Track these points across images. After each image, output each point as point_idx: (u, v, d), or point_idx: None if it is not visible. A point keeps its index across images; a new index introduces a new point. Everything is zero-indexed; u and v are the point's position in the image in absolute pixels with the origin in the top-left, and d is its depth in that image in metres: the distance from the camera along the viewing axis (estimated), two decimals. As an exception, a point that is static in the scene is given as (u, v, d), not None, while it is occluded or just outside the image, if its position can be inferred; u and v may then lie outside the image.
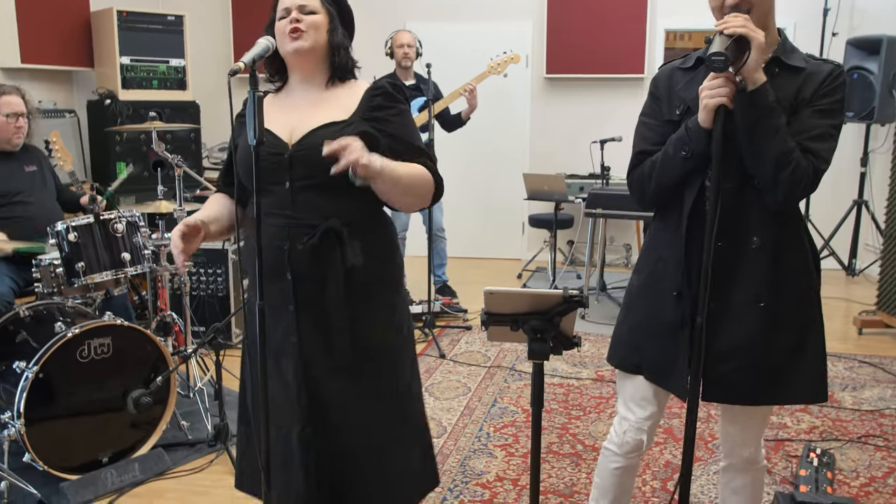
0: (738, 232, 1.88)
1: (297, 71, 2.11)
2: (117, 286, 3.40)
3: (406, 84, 5.59)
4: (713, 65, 1.70)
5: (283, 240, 2.00)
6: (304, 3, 2.05)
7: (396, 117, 2.06)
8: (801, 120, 1.82)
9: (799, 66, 1.87)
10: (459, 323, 5.20)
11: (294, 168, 2.01)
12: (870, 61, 6.32)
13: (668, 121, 1.99)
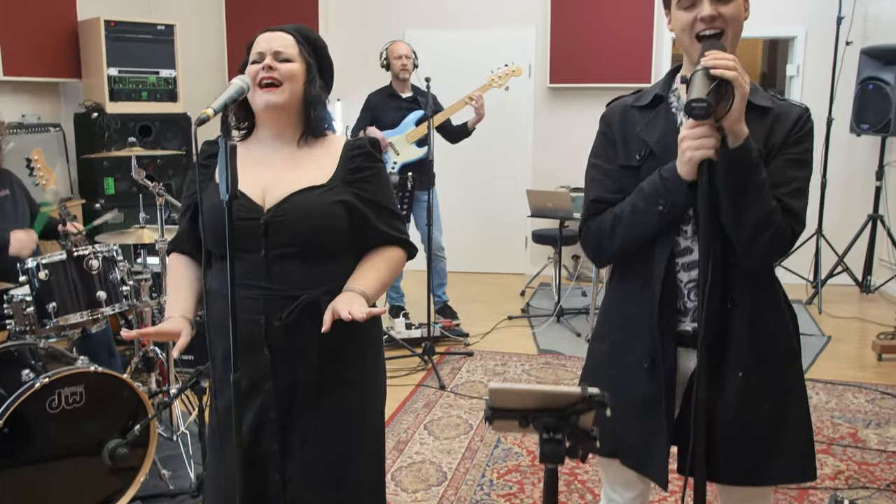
0: (714, 292, 1.65)
1: (267, 126, 1.92)
2: (95, 324, 3.18)
3: (403, 96, 5.39)
4: (694, 111, 1.49)
5: (257, 313, 1.81)
6: (281, 50, 1.86)
7: (375, 178, 1.92)
8: (774, 171, 1.65)
9: (766, 105, 1.69)
10: (460, 349, 4.97)
11: (270, 235, 1.82)
12: (885, 72, 6.11)
13: (627, 166, 1.77)
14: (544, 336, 5.26)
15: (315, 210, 1.82)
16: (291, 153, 1.90)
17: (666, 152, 1.69)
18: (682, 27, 1.66)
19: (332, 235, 1.85)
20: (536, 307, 5.98)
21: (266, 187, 1.85)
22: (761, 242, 1.62)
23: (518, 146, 7.15)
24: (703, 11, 1.62)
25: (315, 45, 1.94)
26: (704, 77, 1.51)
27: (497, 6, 6.99)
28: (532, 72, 6.94)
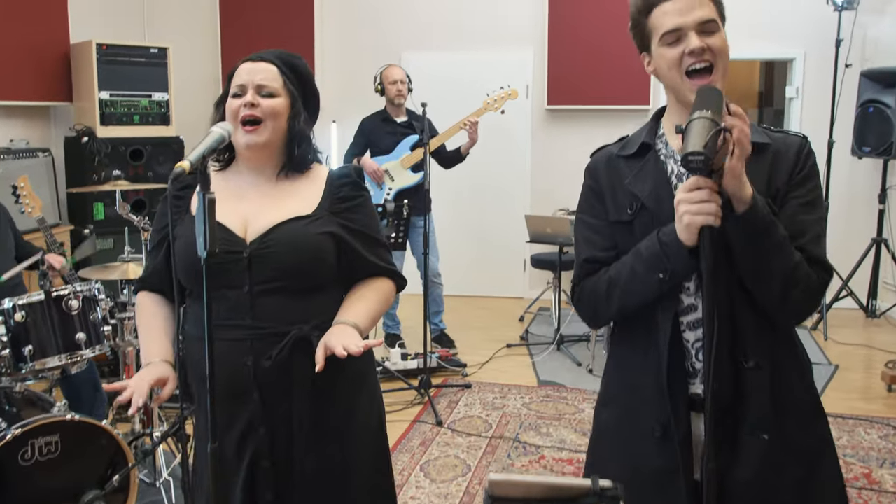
0: (729, 352, 1.53)
1: (248, 160, 1.82)
2: (75, 366, 3.05)
3: (398, 121, 5.30)
4: (691, 165, 1.35)
5: (243, 355, 1.69)
6: (264, 83, 1.75)
7: (362, 208, 1.85)
8: (787, 219, 1.52)
9: (763, 141, 1.57)
10: (458, 380, 4.84)
11: (254, 269, 1.71)
12: (886, 94, 6.03)
13: (618, 221, 1.64)
14: (544, 365, 5.13)
15: (302, 241, 1.73)
16: (272, 186, 1.81)
17: (659, 205, 1.57)
18: (668, 65, 1.55)
19: (320, 267, 1.77)
20: (536, 334, 5.86)
21: (247, 219, 1.76)
22: (793, 300, 1.51)
23: (516, 168, 7.04)
24: (690, 45, 1.52)
25: (300, 74, 1.84)
26: (700, 125, 1.37)
27: (494, 28, 6.91)
28: (530, 93, 6.86)
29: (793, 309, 1.54)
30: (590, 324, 1.77)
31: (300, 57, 1.89)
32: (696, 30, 1.52)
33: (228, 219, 1.74)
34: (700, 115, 1.38)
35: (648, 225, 1.58)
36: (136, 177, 5.82)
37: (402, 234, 4.58)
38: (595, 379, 4.82)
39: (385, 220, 4.45)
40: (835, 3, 6.07)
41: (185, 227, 1.75)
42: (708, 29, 1.52)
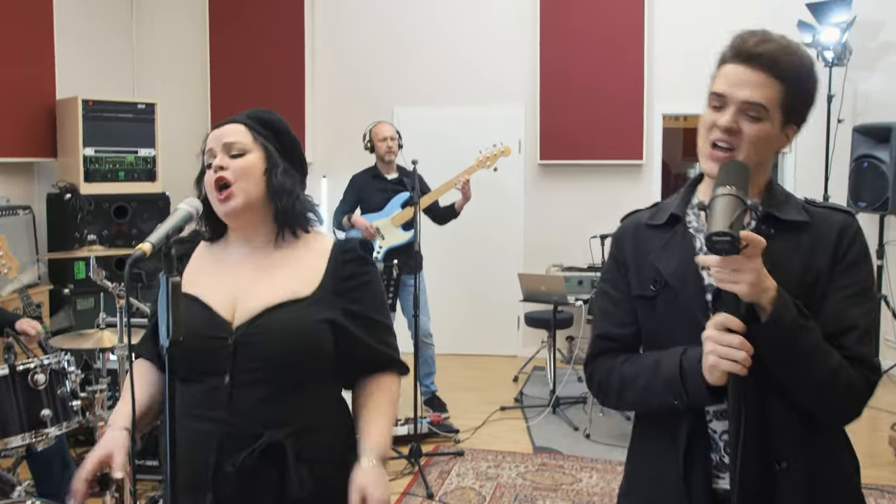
0: (759, 450, 1.39)
1: (236, 231, 1.66)
2: (41, 443, 2.87)
3: (388, 178, 5.21)
4: (716, 246, 1.25)
5: (207, 451, 1.50)
6: (231, 141, 1.60)
7: (369, 287, 1.66)
8: (831, 312, 1.39)
9: (800, 219, 1.43)
10: (450, 447, 4.65)
11: (239, 358, 1.52)
12: (879, 149, 5.99)
13: (640, 296, 1.53)
14: (540, 430, 4.94)
15: (296, 329, 1.54)
16: (267, 256, 1.63)
17: (683, 284, 1.46)
18: (702, 125, 1.46)
19: (313, 360, 1.57)
20: (530, 395, 5.67)
21: (238, 298, 1.58)
22: (832, 404, 1.39)
23: (508, 224, 6.95)
24: (722, 119, 1.41)
25: (272, 126, 1.68)
26: (726, 203, 1.27)
27: (486, 83, 6.89)
28: (522, 148, 6.80)
29: (833, 416, 1.42)
30: (601, 404, 1.65)
31: (273, 112, 1.74)
32: (737, 107, 1.41)
33: (216, 297, 1.59)
34: (726, 192, 1.29)
35: (671, 303, 1.48)
36: (120, 234, 5.70)
37: (393, 294, 4.45)
38: (592, 444, 4.64)
39: (374, 280, 4.31)
40: (825, 58, 6.08)
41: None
42: (751, 112, 1.40)
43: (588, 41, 6.61)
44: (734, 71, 1.42)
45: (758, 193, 1.47)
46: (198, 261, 1.70)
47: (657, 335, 1.52)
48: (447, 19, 6.92)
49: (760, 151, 1.42)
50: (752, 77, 1.40)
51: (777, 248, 1.39)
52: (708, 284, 1.44)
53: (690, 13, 6.55)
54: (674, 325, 1.48)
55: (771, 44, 1.42)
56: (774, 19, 6.29)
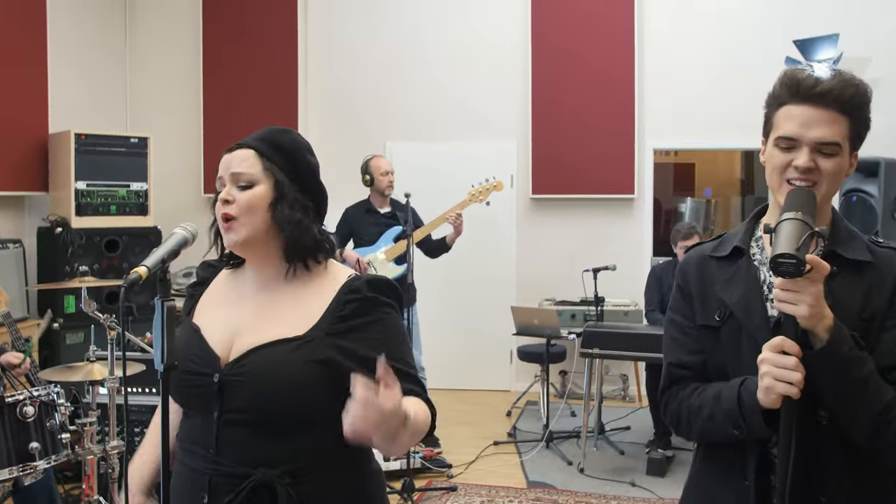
0: (807, 482, 1.41)
1: (248, 262, 1.62)
2: (28, 477, 2.81)
3: (381, 212, 5.22)
4: (780, 268, 1.29)
5: (200, 489, 1.45)
6: (240, 171, 1.54)
7: (371, 325, 1.53)
8: (887, 347, 1.41)
9: (864, 259, 1.46)
10: (443, 482, 4.59)
11: (225, 396, 1.47)
12: (868, 184, 6.05)
13: (705, 326, 1.56)
14: (533, 464, 4.89)
15: (281, 371, 1.46)
16: (276, 290, 1.57)
17: (748, 315, 1.50)
18: (774, 167, 1.49)
19: (301, 403, 1.47)
20: (524, 430, 5.63)
21: (236, 333, 1.53)
22: (885, 441, 1.39)
23: (501, 258, 6.94)
24: (799, 160, 1.44)
25: (286, 151, 1.59)
26: (792, 227, 1.31)
27: (478, 119, 6.94)
28: (514, 182, 6.83)
29: (886, 452, 1.41)
30: (677, 434, 1.69)
31: (289, 131, 1.65)
32: (811, 147, 1.44)
33: (215, 330, 1.54)
34: (792, 217, 1.32)
35: (736, 333, 1.51)
36: (111, 268, 5.67)
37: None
38: (586, 479, 4.59)
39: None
40: (814, 94, 6.16)
41: (182, 329, 1.58)
42: (826, 151, 1.44)
43: (579, 77, 6.68)
44: (800, 112, 1.45)
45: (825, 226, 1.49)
46: (216, 287, 1.66)
47: (723, 365, 1.55)
48: (439, 55, 6.99)
49: (836, 183, 1.47)
50: (822, 116, 1.43)
51: (838, 284, 1.42)
52: (772, 316, 1.47)
53: (681, 49, 6.64)
54: (739, 356, 1.50)
55: (832, 80, 1.44)
56: (764, 56, 6.44)
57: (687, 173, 10.25)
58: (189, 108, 7.18)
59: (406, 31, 7.03)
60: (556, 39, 6.71)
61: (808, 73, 1.47)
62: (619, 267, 5.72)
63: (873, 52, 6.46)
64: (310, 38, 7.16)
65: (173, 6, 7.27)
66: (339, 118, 7.14)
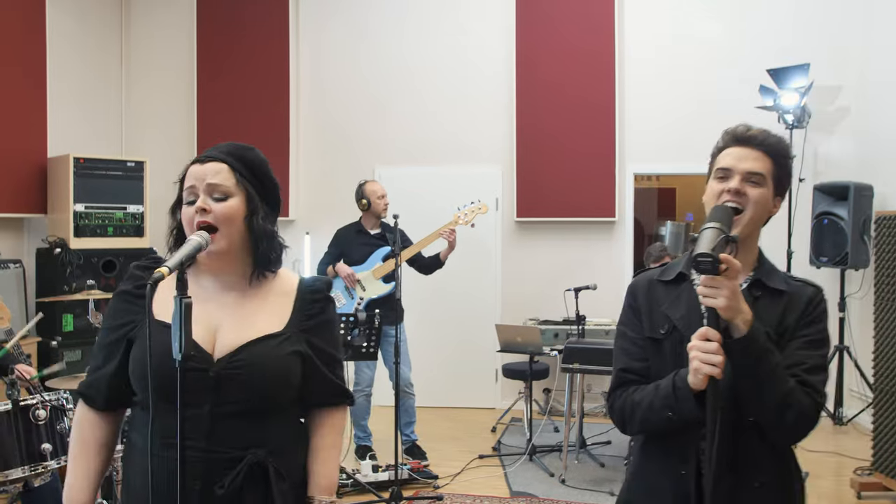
0: (740, 468, 1.70)
1: (207, 267, 1.74)
2: (38, 478, 2.99)
3: (371, 233, 5.42)
4: (700, 266, 1.57)
5: (192, 478, 1.59)
6: (216, 182, 1.68)
7: (329, 324, 1.84)
8: (793, 353, 1.74)
9: (781, 288, 1.80)
10: (429, 492, 4.76)
11: (220, 390, 1.64)
12: (838, 207, 6.32)
13: (651, 338, 1.85)
14: (516, 476, 5.07)
15: (273, 363, 1.68)
16: (242, 293, 1.74)
17: (689, 329, 1.74)
18: (710, 195, 1.80)
19: (286, 389, 1.72)
20: (508, 444, 5.81)
21: (216, 333, 1.68)
22: (786, 421, 1.67)
23: (487, 279, 7.16)
24: (730, 184, 1.76)
25: (254, 167, 1.75)
26: (711, 234, 1.58)
27: (465, 145, 7.20)
28: (500, 206, 7.07)
29: (786, 431, 1.70)
30: (622, 432, 1.92)
31: (252, 148, 1.80)
32: (742, 175, 1.76)
33: (196, 329, 1.60)
34: (711, 226, 1.60)
35: (677, 345, 1.78)
36: (108, 288, 5.83)
37: (374, 344, 4.61)
38: (568, 490, 4.77)
39: (356, 329, 4.48)
40: (786, 121, 6.44)
41: (144, 333, 1.63)
42: (753, 180, 1.76)
43: (562, 105, 6.95)
44: (735, 151, 1.80)
45: (751, 264, 1.82)
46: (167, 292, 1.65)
47: (663, 372, 1.80)
48: (427, 84, 7.26)
49: (760, 212, 1.77)
50: (750, 153, 1.79)
51: (761, 305, 1.75)
52: None
53: (660, 78, 6.94)
54: (677, 364, 1.76)
55: (758, 129, 1.83)
56: (739, 84, 6.74)
57: (669, 198, 10.55)
58: (183, 135, 7.39)
59: (395, 61, 7.29)
60: (539, 69, 6.99)
61: (741, 125, 1.85)
62: (600, 288, 5.94)
63: (843, 82, 6.77)
64: (301, 68, 7.41)
65: (168, 37, 7.51)
66: (330, 144, 7.37)
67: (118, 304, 1.76)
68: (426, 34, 7.26)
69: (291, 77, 7.28)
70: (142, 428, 1.66)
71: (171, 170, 7.43)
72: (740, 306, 1.62)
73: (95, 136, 6.93)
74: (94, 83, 7.01)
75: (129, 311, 1.72)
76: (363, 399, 5.30)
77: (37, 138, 6.04)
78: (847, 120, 6.81)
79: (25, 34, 5.91)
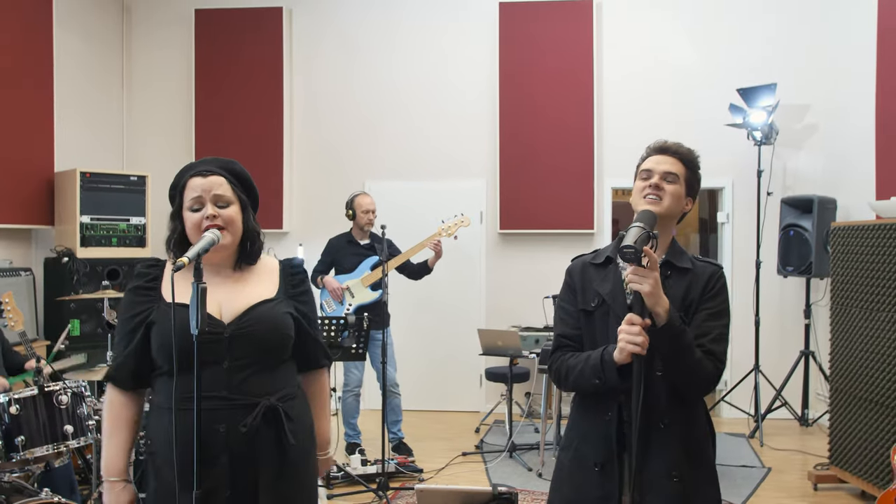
0: (649, 414, 2.07)
1: (207, 260, 2.06)
2: (58, 458, 3.31)
3: (361, 243, 5.76)
4: (625, 256, 1.92)
5: (217, 422, 1.96)
6: (220, 193, 2.08)
7: (309, 294, 2.26)
8: (698, 324, 2.11)
9: (687, 267, 2.18)
10: (415, 484, 5.09)
11: (233, 347, 2.02)
12: (803, 219, 6.68)
13: (584, 310, 2.23)
14: (497, 471, 5.40)
15: (275, 319, 2.09)
16: (231, 275, 2.14)
17: (614, 302, 2.16)
18: (636, 191, 2.22)
19: (287, 343, 2.12)
20: (490, 443, 6.14)
21: (220, 304, 2.06)
22: (694, 384, 2.08)
23: (471, 287, 7.51)
24: (652, 180, 2.19)
25: (242, 179, 2.17)
26: (635, 231, 1.95)
27: (451, 160, 7.56)
28: (483, 218, 7.43)
29: (694, 391, 2.12)
30: (557, 387, 2.33)
31: (236, 161, 2.21)
32: (659, 175, 2.18)
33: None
34: (636, 225, 1.98)
35: (605, 315, 2.16)
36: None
37: (363, 345, 4.93)
38: (545, 482, 5.10)
39: (346, 331, 4.81)
40: (754, 137, 6.80)
41: (160, 314, 2.01)
42: (669, 179, 2.19)
43: (543, 123, 7.33)
44: (655, 158, 2.24)
45: (665, 248, 2.18)
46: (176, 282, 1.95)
47: (594, 338, 2.19)
48: (414, 103, 7.63)
49: (674, 204, 2.17)
50: (667, 159, 2.22)
51: (671, 282, 2.14)
52: (630, 304, 2.07)
53: (637, 96, 7.33)
54: (606, 331, 2.14)
55: (674, 142, 2.27)
56: (710, 102, 7.15)
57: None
58: (182, 151, 7.71)
59: (385, 80, 7.66)
60: (521, 89, 7.37)
61: (663, 140, 2.30)
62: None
63: (811, 100, 7.15)
64: (295, 86, 7.76)
65: (168, 56, 7.85)
66: (322, 159, 7.71)
67: (131, 298, 2.12)
68: (414, 55, 7.64)
69: (285, 95, 7.62)
70: (166, 391, 2.01)
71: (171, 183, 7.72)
72: (661, 294, 1.98)
73: (99, 151, 7.27)
74: (97, 100, 7.35)
75: (142, 302, 2.09)
76: (352, 399, 5.63)
77: (44, 153, 6.37)
78: (813, 138, 7.18)
79: (34, 54, 6.24)
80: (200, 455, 1.89)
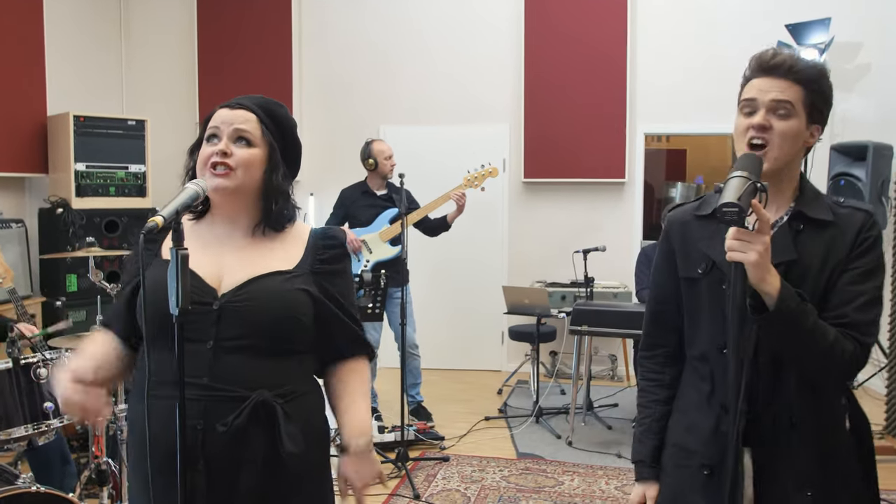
0: (774, 409, 1.62)
1: (220, 208, 1.71)
2: (42, 437, 2.94)
3: (378, 193, 5.33)
4: (725, 216, 1.44)
5: (193, 417, 1.53)
6: (242, 128, 1.66)
7: (344, 275, 1.78)
8: (841, 290, 1.62)
9: (826, 219, 1.65)
10: (436, 453, 4.74)
11: (223, 323, 1.59)
12: (856, 167, 6.17)
13: (686, 278, 1.75)
14: (523, 438, 5.04)
15: (280, 296, 1.63)
16: (249, 237, 1.71)
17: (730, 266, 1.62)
18: (737, 132, 1.68)
19: (295, 327, 1.65)
20: (514, 406, 5.78)
21: (223, 269, 1.65)
22: (829, 372, 1.61)
23: (493, 241, 7.08)
24: (754, 119, 1.63)
25: (281, 123, 1.74)
26: (738, 182, 1.47)
27: (471, 103, 7.05)
28: (506, 167, 6.95)
29: (833, 380, 1.65)
30: None
31: (283, 105, 1.79)
32: (767, 107, 1.63)
33: (203, 267, 1.63)
34: (737, 174, 1.48)
35: (717, 284, 1.68)
36: (111, 248, 5.76)
37: (380, 305, 4.54)
38: (574, 451, 4.74)
39: (362, 290, 4.42)
40: (801, 80, 6.28)
41: (154, 271, 1.64)
42: (780, 109, 1.62)
43: (572, 60, 6.79)
44: (760, 82, 1.65)
45: (792, 193, 1.68)
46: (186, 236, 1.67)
47: (697, 315, 1.74)
48: (432, 40, 7.10)
49: (790, 146, 1.63)
50: (777, 83, 1.63)
51: (804, 238, 1.63)
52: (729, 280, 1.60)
53: (672, 35, 6.76)
54: (714, 304, 1.69)
55: (786, 55, 1.65)
56: (754, 40, 6.49)
57: (678, 160, 10.38)
58: (185, 95, 7.27)
59: (400, 15, 7.13)
60: (548, 22, 6.81)
61: (768, 50, 1.68)
62: (609, 250, 5.85)
63: (865, 38, 6.58)
64: (304, 26, 7.25)
65: (170, -9, 7.35)
66: (334, 103, 7.24)
67: (130, 260, 1.86)
68: (433, -10, 7.08)
69: (294, 36, 7.13)
70: (142, 372, 1.63)
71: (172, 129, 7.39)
72: (770, 268, 1.50)
73: (94, 95, 6.81)
74: (92, 40, 6.87)
75: (137, 262, 1.70)
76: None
77: (35, 96, 5.93)
78: (866, 78, 6.64)
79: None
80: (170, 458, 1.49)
